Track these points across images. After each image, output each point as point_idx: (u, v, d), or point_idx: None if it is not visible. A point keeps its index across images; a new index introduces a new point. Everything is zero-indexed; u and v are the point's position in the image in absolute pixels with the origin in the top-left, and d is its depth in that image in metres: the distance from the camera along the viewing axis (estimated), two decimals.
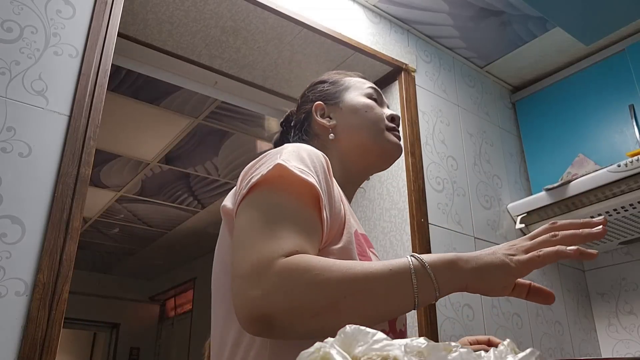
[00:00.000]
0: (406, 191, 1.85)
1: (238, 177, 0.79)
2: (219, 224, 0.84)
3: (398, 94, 2.02)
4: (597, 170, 1.96)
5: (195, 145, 3.22)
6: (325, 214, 0.70)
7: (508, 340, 0.49)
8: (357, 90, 0.98)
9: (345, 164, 0.92)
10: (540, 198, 2.09)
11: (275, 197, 0.69)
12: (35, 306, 1.02)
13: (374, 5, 2.03)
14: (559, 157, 2.23)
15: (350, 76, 1.03)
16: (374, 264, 0.63)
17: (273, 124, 3.01)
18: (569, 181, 2.01)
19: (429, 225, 1.83)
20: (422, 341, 0.45)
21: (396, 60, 2.02)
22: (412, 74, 2.07)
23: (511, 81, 2.51)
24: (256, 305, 0.59)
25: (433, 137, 2.04)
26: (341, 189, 0.86)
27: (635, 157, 1.85)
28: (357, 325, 0.47)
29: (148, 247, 5.12)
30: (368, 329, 0.46)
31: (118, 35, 1.37)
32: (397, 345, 0.45)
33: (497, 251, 0.66)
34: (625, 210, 1.93)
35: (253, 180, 0.70)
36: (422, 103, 2.06)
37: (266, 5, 1.69)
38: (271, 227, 0.65)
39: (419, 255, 0.64)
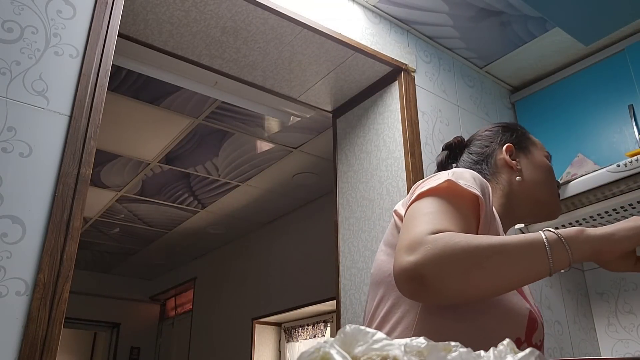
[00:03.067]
0: (406, 191, 1.86)
1: (238, 177, 0.82)
2: (219, 224, 0.85)
3: (398, 94, 2.03)
4: (596, 170, 1.96)
5: (196, 145, 3.22)
6: (482, 223, 0.80)
7: (508, 340, 0.49)
8: (541, 150, 1.09)
9: (513, 204, 1.01)
10: None
11: (440, 200, 0.79)
12: (36, 306, 1.02)
13: (373, 6, 2.03)
14: (558, 157, 2.23)
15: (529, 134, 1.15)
16: (512, 236, 0.72)
17: (273, 124, 3.01)
18: (569, 181, 2.01)
19: None
20: (421, 341, 0.46)
21: (396, 61, 2.02)
22: (412, 74, 2.07)
23: (511, 81, 2.51)
24: (411, 268, 0.68)
25: (433, 137, 2.05)
26: (502, 220, 0.97)
27: (635, 157, 1.85)
28: (357, 325, 0.47)
29: (148, 247, 5.13)
30: (368, 329, 0.46)
31: (118, 36, 1.37)
32: (397, 345, 0.45)
33: (624, 222, 0.74)
34: (625, 210, 1.94)
35: (424, 188, 0.81)
36: (422, 103, 2.07)
37: (266, 6, 1.69)
38: (429, 216, 0.76)
39: (555, 229, 0.73)
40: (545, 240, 0.71)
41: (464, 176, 0.84)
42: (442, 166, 1.12)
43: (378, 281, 0.88)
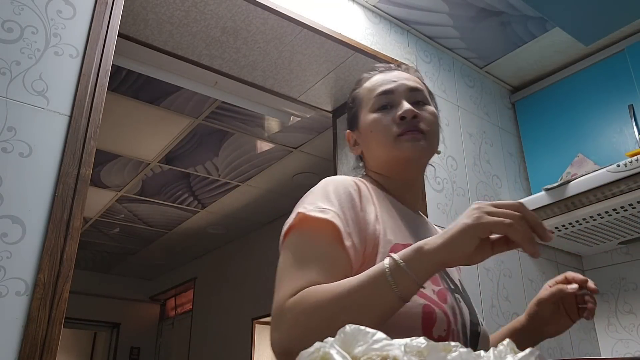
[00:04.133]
0: None
1: (238, 177, 0.84)
2: (219, 224, 0.86)
3: None
4: (596, 170, 1.96)
5: (196, 145, 3.22)
6: (349, 242, 0.77)
7: (508, 340, 0.49)
8: (367, 104, 0.96)
9: (387, 179, 0.95)
10: (539, 198, 2.09)
11: (299, 241, 0.78)
12: (36, 306, 1.02)
13: (373, 6, 2.03)
14: (558, 157, 2.23)
15: (368, 79, 1.00)
16: (359, 275, 0.69)
17: (273, 124, 3.01)
18: (569, 181, 2.01)
19: None
20: (421, 341, 0.46)
21: (396, 61, 2.02)
22: None
23: (511, 81, 2.51)
24: (277, 345, 0.70)
25: None
26: (400, 199, 0.93)
27: (635, 157, 1.85)
28: (357, 326, 0.47)
29: (148, 247, 5.12)
30: (368, 329, 0.46)
31: (118, 36, 1.37)
32: (397, 345, 0.45)
33: (460, 218, 0.69)
34: (625, 210, 1.94)
35: (284, 228, 0.80)
36: None
37: (266, 6, 1.69)
38: (291, 270, 0.75)
39: (393, 255, 0.69)
40: (387, 271, 0.67)
41: (323, 192, 0.82)
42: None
43: None
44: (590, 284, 0.90)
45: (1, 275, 1.02)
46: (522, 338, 0.92)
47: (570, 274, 0.91)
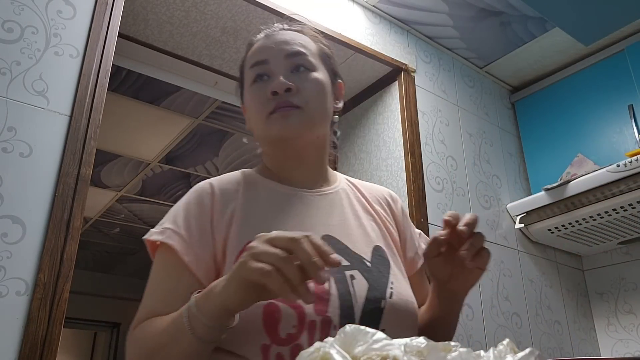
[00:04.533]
0: (406, 191, 1.86)
1: None
2: None
3: (398, 94, 2.03)
4: (596, 170, 1.96)
5: (196, 145, 3.22)
6: (192, 257, 0.75)
7: (507, 340, 0.49)
8: (248, 77, 0.87)
9: (273, 158, 0.90)
10: (539, 198, 2.09)
11: (152, 269, 0.80)
12: (36, 306, 1.02)
13: (373, 6, 2.03)
14: (558, 157, 2.24)
15: (252, 45, 0.91)
16: (173, 315, 0.69)
17: None
18: (568, 181, 2.01)
19: (429, 225, 1.83)
20: (421, 341, 0.46)
21: (396, 61, 2.02)
22: (412, 74, 2.07)
23: (511, 81, 2.51)
24: None
25: (433, 137, 2.05)
26: (287, 176, 0.87)
27: (635, 157, 1.85)
28: (357, 325, 0.47)
29: None
30: (368, 329, 0.47)
31: (119, 36, 1.37)
32: (397, 345, 0.45)
33: (241, 257, 0.63)
34: (625, 210, 1.94)
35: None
36: (422, 103, 2.07)
37: (266, 6, 1.69)
38: (143, 297, 0.78)
39: (194, 294, 0.66)
40: (185, 312, 0.65)
41: (173, 210, 0.82)
42: None
43: None
44: (463, 221, 0.78)
45: (1, 275, 1.02)
46: (439, 302, 0.85)
47: (448, 215, 0.79)
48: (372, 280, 0.78)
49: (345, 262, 0.78)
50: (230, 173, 0.88)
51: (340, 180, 0.94)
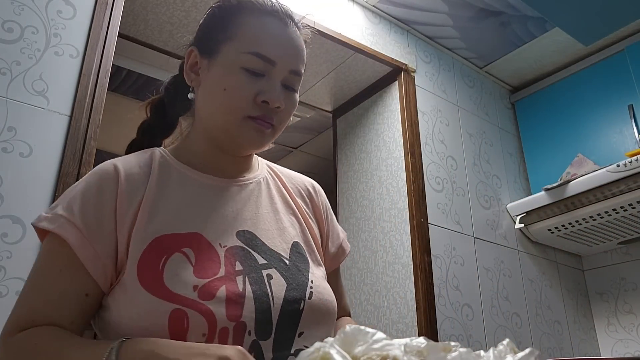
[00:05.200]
0: (406, 191, 1.86)
1: None
2: None
3: (398, 94, 2.03)
4: (596, 170, 1.96)
5: None
6: (90, 251, 0.65)
7: (507, 340, 0.49)
8: (237, 50, 0.73)
9: (208, 136, 0.79)
10: (539, 198, 2.09)
11: (36, 260, 0.68)
12: None
13: (373, 6, 2.03)
14: (558, 157, 2.24)
15: (255, 10, 0.76)
16: (77, 354, 0.60)
17: None
18: (568, 181, 2.01)
19: (429, 225, 1.83)
20: (421, 341, 0.46)
21: (396, 61, 2.02)
22: (412, 74, 2.07)
23: (511, 81, 2.51)
24: None
25: (433, 137, 2.05)
26: (210, 163, 0.79)
27: (635, 157, 1.85)
28: (357, 325, 0.47)
29: None
30: (368, 329, 0.47)
31: (119, 36, 1.37)
32: (397, 345, 0.45)
33: (204, 350, 0.57)
34: (625, 210, 1.94)
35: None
36: (422, 103, 2.07)
37: None
38: (23, 292, 0.66)
39: (122, 345, 0.59)
40: (106, 353, 0.57)
41: (69, 193, 0.70)
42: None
43: None
44: None
45: (1, 275, 1.02)
46: None
47: None
48: (291, 279, 0.71)
49: (261, 260, 0.71)
50: (138, 152, 0.77)
51: (261, 167, 0.85)
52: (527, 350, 0.46)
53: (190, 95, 0.78)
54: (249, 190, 0.79)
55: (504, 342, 0.48)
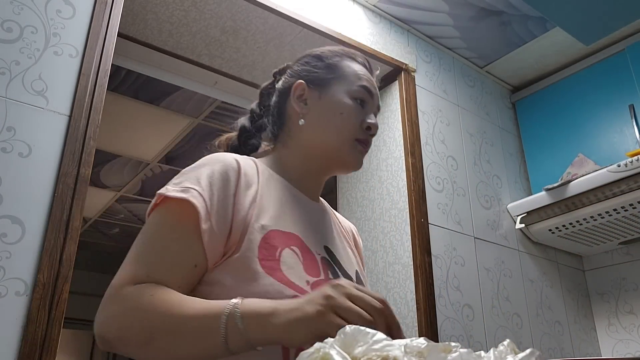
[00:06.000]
0: (406, 191, 1.85)
1: None
2: None
3: (398, 94, 2.02)
4: (596, 170, 1.96)
5: (195, 145, 3.22)
6: (206, 226, 0.70)
7: (508, 340, 0.49)
8: (346, 84, 0.89)
9: (307, 156, 0.89)
10: (540, 198, 2.09)
11: (153, 222, 0.74)
12: (35, 306, 1.02)
13: (374, 6, 2.03)
14: (558, 157, 2.23)
15: (351, 59, 0.94)
16: (198, 304, 0.65)
17: None
18: (569, 181, 2.01)
19: (429, 225, 1.83)
20: (421, 341, 0.45)
21: (396, 61, 2.02)
22: (412, 74, 2.07)
23: (511, 81, 2.51)
24: (98, 329, 0.67)
25: (433, 137, 2.04)
26: (300, 180, 0.88)
27: (635, 157, 1.85)
28: (357, 326, 0.47)
29: None
30: (368, 329, 0.46)
31: (118, 35, 1.37)
32: (397, 345, 0.45)
33: (309, 298, 0.62)
34: (625, 210, 1.93)
35: (149, 208, 0.76)
36: (422, 103, 2.06)
37: (266, 5, 1.69)
38: (139, 252, 0.71)
39: (242, 301, 0.63)
40: (225, 315, 0.62)
41: (194, 173, 0.75)
42: (252, 117, 1.00)
43: None
44: None
45: (1, 275, 1.01)
46: None
47: None
48: None
49: (340, 274, 0.81)
50: (241, 155, 0.84)
51: (322, 200, 0.97)
52: (527, 351, 0.46)
53: (301, 122, 0.88)
54: (325, 214, 0.92)
55: (505, 343, 0.48)
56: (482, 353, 0.46)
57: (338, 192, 2.18)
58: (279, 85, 0.95)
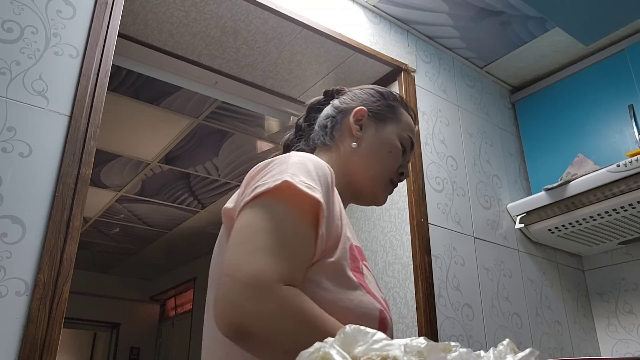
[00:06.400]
0: (406, 191, 1.86)
1: (238, 177, 0.81)
2: (219, 224, 0.84)
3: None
4: (596, 170, 1.96)
5: (196, 145, 3.22)
6: (322, 230, 0.71)
7: (508, 340, 0.49)
8: (399, 129, 0.98)
9: (350, 177, 0.94)
10: (539, 198, 2.09)
11: (280, 211, 0.70)
12: (36, 306, 1.02)
13: (373, 6, 2.03)
14: (558, 157, 2.23)
15: (405, 108, 1.02)
16: (331, 322, 0.66)
17: (273, 124, 3.01)
18: (569, 181, 2.01)
19: (429, 225, 1.83)
20: (421, 341, 0.46)
21: (396, 61, 2.02)
22: (412, 74, 2.07)
23: (511, 81, 2.51)
24: (245, 318, 0.61)
25: (433, 137, 2.04)
26: (344, 194, 0.90)
27: (635, 157, 1.85)
28: (357, 326, 0.47)
29: (148, 247, 5.12)
30: (368, 329, 0.46)
31: (118, 36, 1.37)
32: (397, 345, 0.45)
33: None
34: (625, 210, 1.94)
35: (259, 190, 0.71)
36: (422, 103, 2.07)
37: (266, 6, 1.69)
38: (273, 242, 0.67)
39: None
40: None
41: (305, 167, 0.74)
42: (298, 129, 1.04)
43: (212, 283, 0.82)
44: None
45: (1, 275, 1.02)
46: None
47: None
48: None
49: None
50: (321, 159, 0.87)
51: None
52: (527, 351, 0.46)
53: (353, 145, 0.94)
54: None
55: (504, 342, 0.48)
56: (482, 353, 0.46)
57: None
58: (336, 102, 1.01)
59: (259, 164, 0.79)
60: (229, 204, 0.79)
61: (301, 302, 0.65)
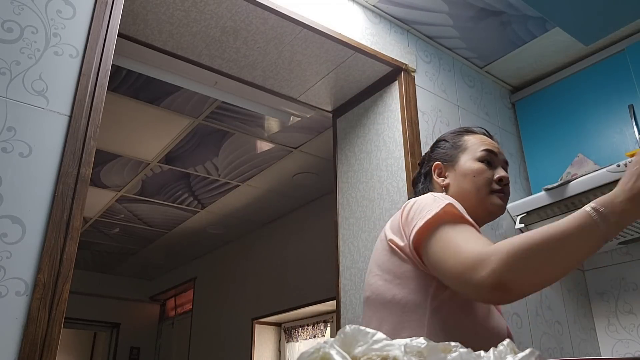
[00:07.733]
0: (406, 191, 1.86)
1: (238, 177, 0.85)
2: (219, 224, 0.85)
3: (398, 94, 2.02)
4: (596, 170, 1.96)
5: (196, 145, 3.22)
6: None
7: (508, 340, 0.49)
8: (471, 152, 1.13)
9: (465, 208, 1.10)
10: (539, 198, 2.09)
11: (458, 225, 0.91)
12: (36, 306, 1.02)
13: (373, 6, 2.03)
14: (558, 157, 2.23)
15: (471, 132, 1.19)
16: (557, 223, 0.79)
17: (273, 124, 3.01)
18: (569, 181, 2.01)
19: None
20: (421, 341, 0.46)
21: (396, 61, 2.02)
22: (412, 74, 2.07)
23: (511, 81, 2.51)
24: (491, 280, 0.78)
25: (433, 137, 2.04)
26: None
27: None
28: (357, 326, 0.47)
29: (148, 247, 5.13)
30: (368, 330, 0.46)
31: (118, 36, 1.37)
32: (397, 345, 0.45)
33: (632, 173, 0.77)
34: None
35: (429, 216, 0.92)
36: (422, 103, 2.07)
37: (266, 6, 1.69)
38: (467, 239, 0.87)
39: (591, 204, 0.78)
40: (593, 214, 0.76)
41: (451, 200, 0.97)
42: (414, 182, 1.28)
43: (378, 305, 0.99)
44: None
45: (1, 275, 1.02)
46: None
47: None
48: None
49: None
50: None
51: None
52: (527, 351, 0.46)
53: (433, 189, 1.18)
54: None
55: (504, 343, 0.48)
56: (482, 353, 0.46)
57: (338, 192, 2.18)
58: (424, 170, 1.23)
59: (405, 205, 1.03)
60: (390, 234, 1.04)
61: (507, 242, 0.80)
